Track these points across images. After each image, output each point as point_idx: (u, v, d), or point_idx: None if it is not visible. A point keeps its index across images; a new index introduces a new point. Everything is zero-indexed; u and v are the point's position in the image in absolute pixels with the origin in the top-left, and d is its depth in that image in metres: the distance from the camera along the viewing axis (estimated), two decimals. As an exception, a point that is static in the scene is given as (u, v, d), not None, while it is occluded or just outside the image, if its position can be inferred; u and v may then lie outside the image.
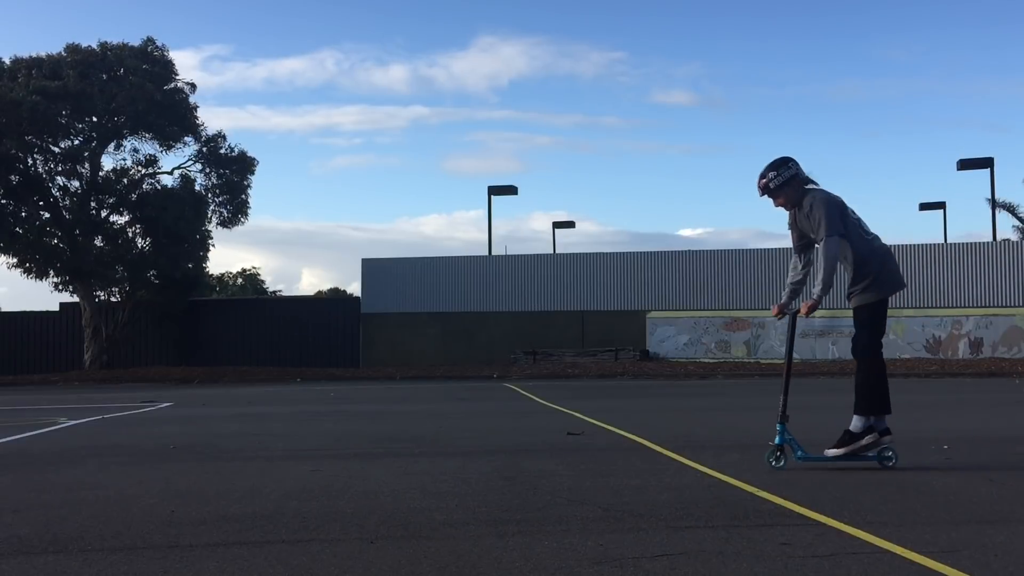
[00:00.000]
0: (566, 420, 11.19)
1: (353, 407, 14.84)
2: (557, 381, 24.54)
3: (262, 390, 22.06)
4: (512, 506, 5.24)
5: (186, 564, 3.96)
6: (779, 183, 6.43)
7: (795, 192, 6.47)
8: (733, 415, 12.10)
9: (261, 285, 61.10)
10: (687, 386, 21.08)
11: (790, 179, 6.42)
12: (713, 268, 31.58)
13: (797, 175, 6.44)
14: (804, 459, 6.43)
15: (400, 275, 32.87)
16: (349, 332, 32.83)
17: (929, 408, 12.95)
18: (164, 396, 19.57)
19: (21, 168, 31.62)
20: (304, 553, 4.13)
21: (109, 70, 31.98)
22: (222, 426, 11.31)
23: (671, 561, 3.88)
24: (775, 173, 6.43)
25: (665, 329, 30.86)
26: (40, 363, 33.18)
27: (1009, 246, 31.05)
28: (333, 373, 29.33)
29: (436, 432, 9.90)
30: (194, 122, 33.18)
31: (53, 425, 11.65)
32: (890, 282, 6.56)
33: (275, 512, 5.12)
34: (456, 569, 3.82)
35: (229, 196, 33.56)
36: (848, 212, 6.47)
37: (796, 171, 6.45)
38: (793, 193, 6.47)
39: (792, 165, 6.45)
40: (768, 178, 6.44)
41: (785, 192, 6.46)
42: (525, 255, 33.85)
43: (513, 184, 35.60)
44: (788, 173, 6.42)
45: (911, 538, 4.23)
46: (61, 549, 4.28)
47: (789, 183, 6.43)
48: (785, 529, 4.48)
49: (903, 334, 29.48)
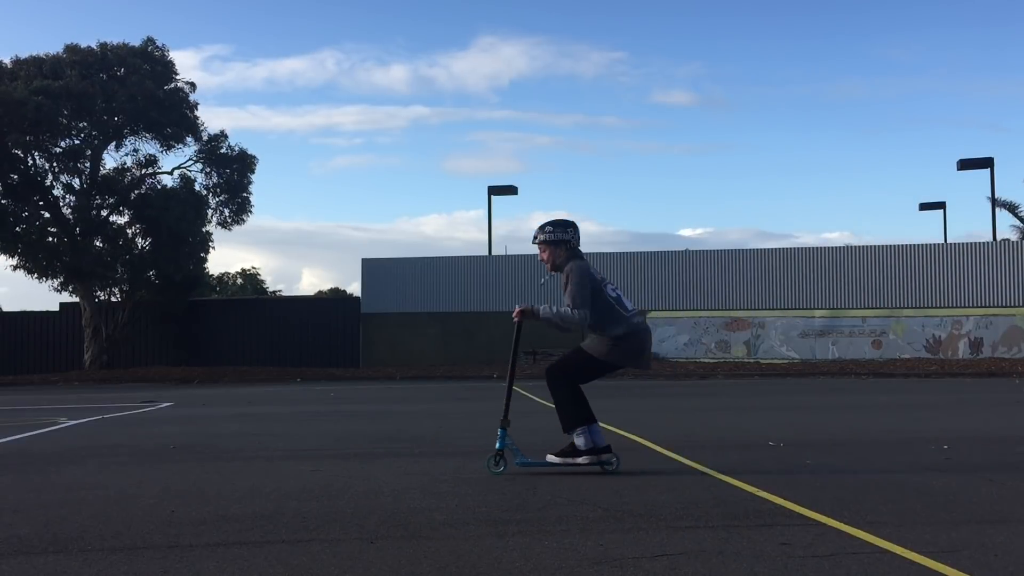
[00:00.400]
0: (566, 420, 11.17)
1: (353, 407, 14.84)
2: (557, 381, 24.50)
3: (262, 390, 22.06)
4: (512, 506, 5.24)
5: (186, 564, 3.96)
6: (550, 240, 6.62)
7: (559, 256, 6.65)
8: (733, 415, 12.10)
9: (261, 285, 61.10)
10: (687, 386, 21.08)
11: (560, 242, 6.62)
12: (713, 268, 31.58)
13: (569, 241, 6.63)
14: (523, 464, 6.56)
15: (400, 275, 32.87)
16: (349, 332, 32.82)
17: (929, 408, 12.95)
18: (164, 396, 19.57)
19: (22, 168, 31.63)
20: (304, 553, 4.13)
21: (109, 70, 31.98)
22: (222, 426, 11.31)
23: (671, 561, 3.88)
24: (552, 229, 6.63)
25: (665, 329, 30.86)
26: (40, 363, 33.17)
27: (1009, 246, 31.05)
28: (333, 373, 29.33)
29: (436, 432, 9.90)
30: (194, 122, 33.17)
31: (53, 425, 11.65)
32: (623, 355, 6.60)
33: (275, 512, 5.12)
34: (456, 569, 3.82)
35: (229, 196, 33.55)
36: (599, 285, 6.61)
37: (571, 237, 6.64)
38: (558, 256, 6.66)
39: (570, 231, 6.64)
40: (547, 232, 6.63)
41: (551, 250, 6.64)
42: (525, 255, 33.82)
43: (513, 184, 35.60)
44: (562, 236, 6.62)
45: (911, 538, 4.23)
46: (61, 549, 4.28)
47: (559, 245, 6.63)
48: (785, 529, 4.48)
49: (903, 334, 29.48)
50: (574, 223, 6.71)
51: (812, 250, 31.59)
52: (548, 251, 6.66)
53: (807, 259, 31.11)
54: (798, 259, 31.19)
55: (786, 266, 31.11)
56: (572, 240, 6.65)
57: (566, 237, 6.63)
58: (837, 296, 30.40)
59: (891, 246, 30.96)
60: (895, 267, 30.53)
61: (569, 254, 6.65)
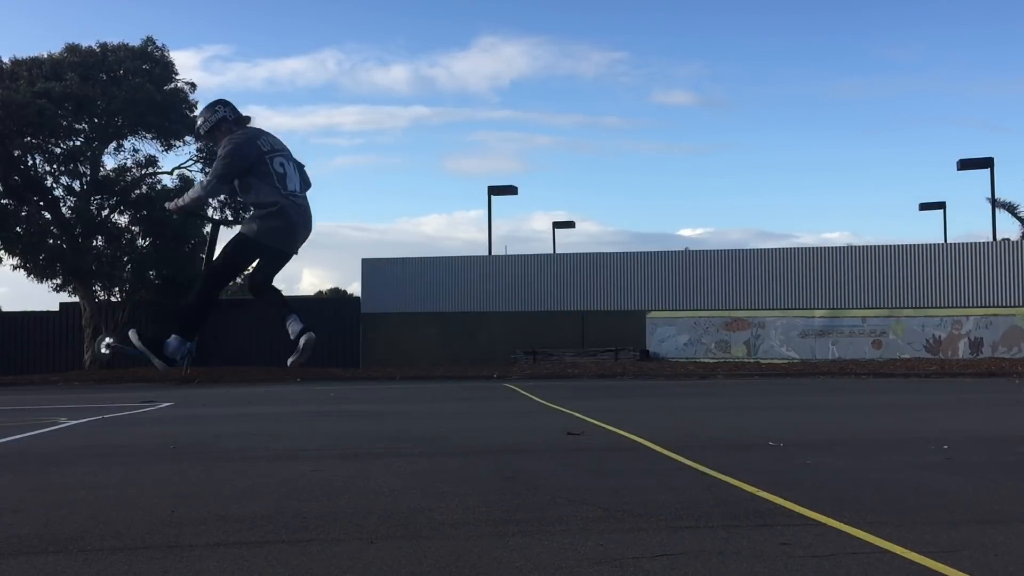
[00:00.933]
0: (566, 420, 11.19)
1: (353, 407, 14.84)
2: (557, 381, 24.54)
3: (262, 390, 22.06)
4: (512, 506, 5.24)
5: (186, 564, 3.96)
6: (208, 128, 6.23)
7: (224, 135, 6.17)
8: (733, 415, 12.10)
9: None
10: (687, 386, 21.07)
11: (218, 123, 6.18)
12: (713, 268, 31.57)
13: (225, 118, 6.19)
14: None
15: (400, 275, 32.86)
16: (349, 332, 32.82)
17: (929, 408, 12.95)
18: (164, 396, 19.57)
19: (22, 168, 31.63)
20: (304, 553, 4.13)
21: (109, 70, 31.97)
22: (222, 426, 11.31)
23: (671, 561, 3.88)
24: (201, 119, 6.27)
25: (665, 329, 30.85)
26: (40, 363, 33.15)
27: (1009, 246, 31.05)
28: (333, 373, 29.32)
29: (436, 432, 9.90)
30: (194, 122, 33.16)
31: (53, 425, 11.65)
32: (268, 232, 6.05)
33: (275, 512, 5.12)
34: (456, 569, 3.82)
35: (228, 196, 33.53)
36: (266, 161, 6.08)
37: (224, 114, 6.20)
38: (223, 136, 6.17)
39: (219, 108, 6.22)
40: (199, 127, 6.30)
41: (215, 136, 6.23)
42: (525, 255, 33.84)
43: (513, 184, 35.60)
44: (215, 117, 6.19)
45: (911, 538, 4.23)
46: (61, 549, 4.28)
47: (218, 127, 6.19)
48: (785, 529, 4.48)
49: (903, 334, 29.49)
50: (221, 99, 6.29)
51: (812, 250, 31.58)
52: (213, 140, 6.25)
53: (807, 259, 31.10)
54: (798, 259, 31.18)
55: (786, 266, 31.10)
56: (227, 115, 6.17)
57: (218, 116, 6.16)
58: (837, 296, 30.39)
59: (891, 246, 30.96)
60: (895, 267, 30.53)
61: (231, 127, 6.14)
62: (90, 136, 32.27)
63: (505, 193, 35.45)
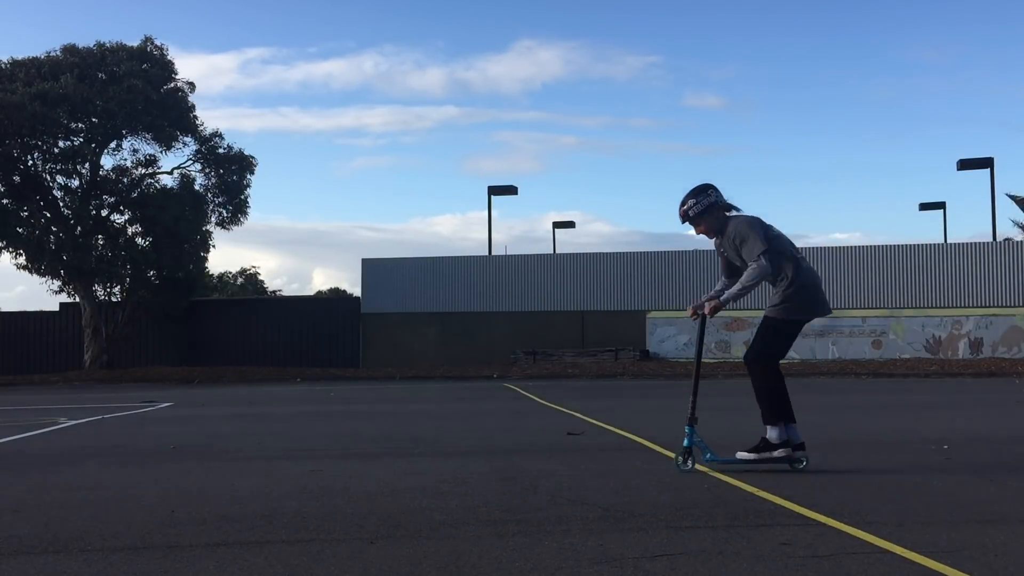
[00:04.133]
0: (566, 420, 11.19)
1: (353, 407, 14.84)
2: (557, 381, 24.54)
3: (262, 390, 22.06)
4: (512, 506, 5.24)
5: (186, 564, 3.96)
6: (699, 211, 6.36)
7: (715, 220, 6.41)
8: (732, 415, 12.09)
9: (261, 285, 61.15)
10: (687, 386, 21.03)
11: (709, 207, 6.35)
12: (713, 268, 31.51)
13: (717, 202, 6.37)
14: (712, 461, 6.42)
15: (400, 275, 32.86)
16: (349, 332, 32.82)
17: (929, 408, 12.95)
18: (164, 396, 19.57)
19: (21, 168, 31.63)
20: (304, 553, 4.13)
21: (107, 70, 31.96)
22: (222, 426, 11.31)
23: (671, 561, 3.87)
24: (694, 201, 6.36)
25: (665, 329, 30.85)
26: (40, 363, 33.16)
27: (1009, 246, 31.06)
28: (333, 373, 29.32)
29: (436, 432, 9.90)
30: (193, 122, 33.16)
31: (53, 425, 11.65)
32: (807, 307, 6.43)
33: (275, 512, 5.12)
34: (456, 569, 3.82)
35: (228, 196, 33.56)
36: (771, 229, 6.40)
37: (716, 198, 6.38)
38: (714, 221, 6.41)
39: (712, 192, 6.38)
40: (688, 206, 6.37)
41: (706, 220, 6.39)
42: (525, 255, 33.84)
43: (513, 184, 35.60)
44: (707, 200, 6.35)
45: (911, 538, 4.23)
46: (61, 549, 4.27)
47: (709, 211, 6.36)
48: (785, 529, 4.48)
49: (903, 334, 29.48)
50: (710, 184, 6.42)
51: (812, 250, 31.56)
52: (703, 223, 6.39)
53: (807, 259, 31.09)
54: (798, 259, 31.15)
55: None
56: (718, 200, 6.36)
57: (710, 200, 6.33)
58: (837, 296, 30.37)
59: (891, 246, 30.96)
60: (895, 267, 30.53)
61: (723, 212, 6.35)
62: (88, 136, 32.27)
63: (504, 193, 35.45)
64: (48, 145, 31.72)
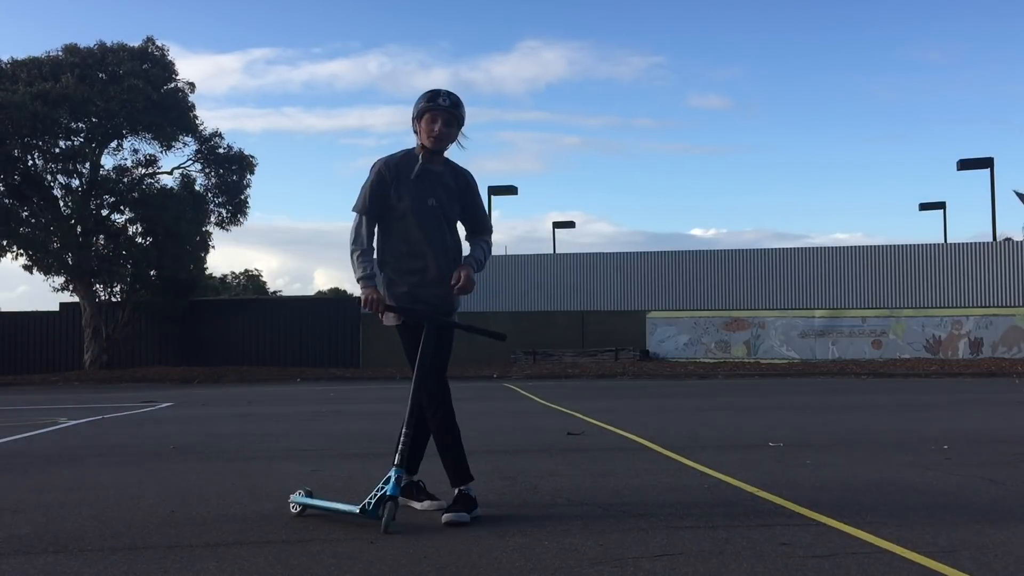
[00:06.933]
0: (566, 420, 11.19)
1: (353, 407, 14.83)
2: (557, 381, 24.54)
3: (262, 390, 22.06)
4: (512, 506, 5.24)
5: (186, 564, 3.96)
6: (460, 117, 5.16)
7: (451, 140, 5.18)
8: (733, 415, 12.10)
9: (262, 285, 61.17)
10: (687, 386, 21.07)
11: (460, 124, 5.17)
12: (713, 268, 31.57)
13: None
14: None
15: (400, 275, 32.83)
16: (349, 332, 32.81)
17: (929, 408, 12.95)
18: (164, 396, 19.57)
19: (21, 167, 31.64)
20: (304, 553, 4.13)
21: (108, 70, 31.96)
22: (222, 426, 11.31)
23: (671, 561, 3.87)
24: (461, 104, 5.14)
25: (665, 329, 30.84)
26: (40, 363, 33.15)
27: (1009, 246, 31.06)
28: (333, 373, 29.32)
29: (436, 432, 9.88)
30: (193, 122, 33.17)
31: (53, 425, 11.65)
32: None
33: (275, 512, 5.12)
34: (456, 569, 3.82)
35: (228, 196, 33.56)
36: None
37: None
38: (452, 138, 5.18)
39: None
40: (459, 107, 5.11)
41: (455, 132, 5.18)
42: (525, 255, 33.84)
43: (513, 184, 35.61)
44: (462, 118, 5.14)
45: (911, 538, 4.23)
46: (61, 549, 4.27)
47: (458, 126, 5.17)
48: (785, 529, 4.48)
49: (903, 334, 29.48)
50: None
51: (812, 250, 31.59)
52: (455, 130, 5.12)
53: (807, 259, 31.10)
54: (798, 259, 31.18)
55: (786, 266, 31.11)
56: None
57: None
58: (837, 296, 30.40)
59: (891, 246, 30.96)
60: (895, 267, 30.53)
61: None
62: (89, 136, 32.27)
63: (504, 193, 35.46)
64: (49, 145, 31.72)
